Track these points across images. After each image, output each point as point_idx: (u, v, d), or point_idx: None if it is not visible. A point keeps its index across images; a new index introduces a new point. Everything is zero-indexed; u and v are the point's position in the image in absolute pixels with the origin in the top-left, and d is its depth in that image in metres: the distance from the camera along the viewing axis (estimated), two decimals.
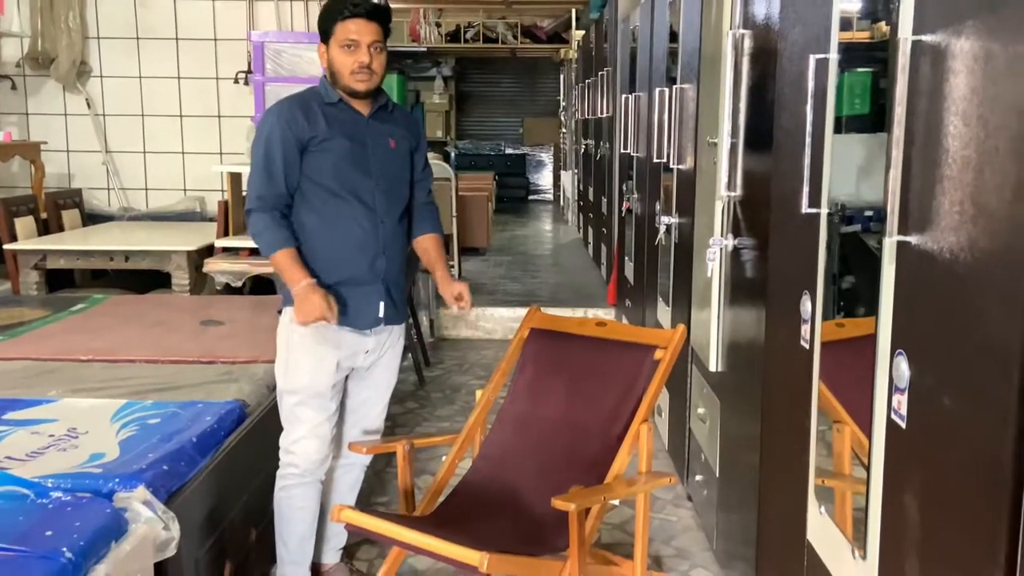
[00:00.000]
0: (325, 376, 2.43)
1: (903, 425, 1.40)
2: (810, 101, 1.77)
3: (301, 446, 2.43)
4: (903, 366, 1.39)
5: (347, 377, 2.55)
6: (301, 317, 2.32)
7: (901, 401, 1.40)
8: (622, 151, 5.13)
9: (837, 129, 1.78)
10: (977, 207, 1.18)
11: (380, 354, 2.55)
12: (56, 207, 5.36)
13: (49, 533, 1.71)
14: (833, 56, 1.74)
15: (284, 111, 2.40)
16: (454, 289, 2.58)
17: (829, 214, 1.78)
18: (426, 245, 2.64)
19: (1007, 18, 1.11)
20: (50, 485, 1.94)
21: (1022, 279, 1.07)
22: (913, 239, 1.36)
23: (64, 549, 1.65)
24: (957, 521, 1.24)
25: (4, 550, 1.65)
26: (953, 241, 1.24)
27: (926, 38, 1.33)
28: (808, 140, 1.79)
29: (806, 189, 1.80)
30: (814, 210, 1.80)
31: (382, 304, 2.48)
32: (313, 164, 2.39)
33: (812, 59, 1.75)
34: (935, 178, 1.29)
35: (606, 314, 5.42)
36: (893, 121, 1.39)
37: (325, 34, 2.40)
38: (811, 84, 1.77)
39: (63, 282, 5.03)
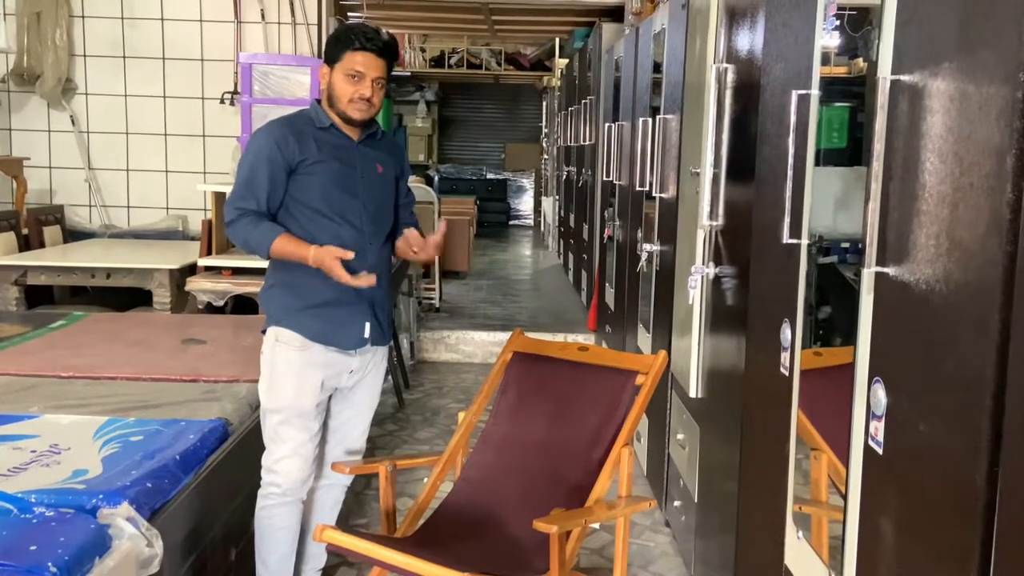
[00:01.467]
0: (309, 395, 2.44)
1: (880, 451, 1.44)
2: (792, 135, 1.82)
3: (284, 465, 2.44)
4: (880, 393, 1.43)
5: (330, 398, 2.56)
6: (334, 271, 2.33)
7: (878, 428, 1.44)
8: (604, 179, 5.20)
9: (816, 162, 1.84)
10: (952, 241, 1.23)
11: (363, 374, 2.57)
12: (37, 223, 5.34)
13: (33, 548, 1.71)
14: (814, 92, 1.80)
15: (276, 132, 2.43)
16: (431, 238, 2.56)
17: (808, 244, 1.83)
18: (404, 235, 2.62)
19: (981, 61, 1.17)
20: (33, 500, 1.94)
21: (994, 310, 1.12)
22: (891, 270, 1.41)
23: (49, 564, 1.65)
24: (931, 544, 1.28)
25: None
26: (929, 273, 1.29)
27: (904, 78, 1.39)
28: (790, 172, 1.84)
29: (787, 220, 1.85)
30: (794, 240, 1.85)
31: (367, 324, 2.50)
32: (302, 186, 2.41)
33: (794, 94, 1.81)
34: (912, 212, 1.34)
35: (586, 339, 5.46)
36: (872, 156, 1.44)
37: (332, 59, 2.42)
38: (793, 118, 1.82)
39: (42, 299, 5.00)
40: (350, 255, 2.34)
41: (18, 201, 5.70)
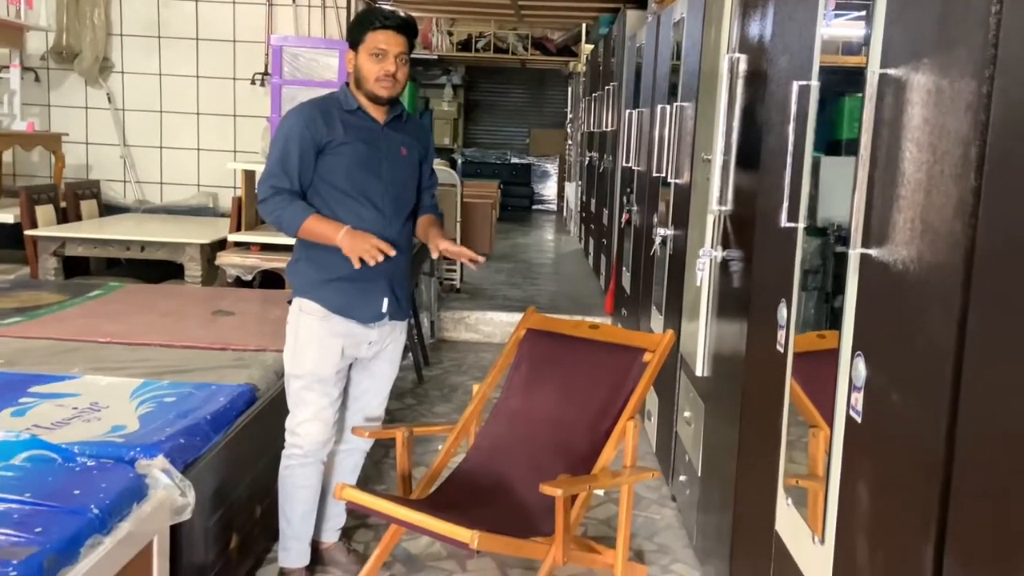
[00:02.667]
0: (330, 363, 2.58)
1: (859, 420, 1.55)
2: (792, 123, 1.92)
3: (305, 428, 2.58)
4: (860, 366, 1.54)
5: (351, 367, 2.70)
6: (356, 255, 2.43)
7: (858, 398, 1.55)
8: (624, 164, 5.29)
9: (836, 151, 1.93)
10: (925, 224, 1.33)
11: (383, 347, 2.70)
12: (75, 197, 5.52)
13: (77, 492, 1.87)
14: (814, 83, 1.90)
15: (306, 113, 2.56)
16: (441, 243, 2.65)
17: (823, 230, 1.93)
18: (423, 221, 2.74)
19: (955, 57, 1.27)
20: (76, 451, 2.09)
21: (957, 289, 1.22)
22: (873, 252, 1.52)
23: (92, 506, 1.80)
24: (899, 503, 1.39)
25: (36, 505, 1.80)
26: (904, 254, 1.40)
27: (891, 72, 1.49)
28: (789, 160, 1.94)
29: (786, 204, 1.95)
30: (792, 224, 1.95)
31: (386, 300, 2.63)
32: (328, 165, 2.53)
33: (795, 85, 1.90)
34: (892, 197, 1.45)
35: (603, 322, 5.57)
36: (860, 145, 1.54)
37: (355, 42, 2.55)
38: (794, 108, 1.91)
39: (79, 270, 5.18)
40: (392, 251, 2.45)
41: (56, 175, 5.90)
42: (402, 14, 2.58)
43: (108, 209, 5.99)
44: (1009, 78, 1.13)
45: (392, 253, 2.47)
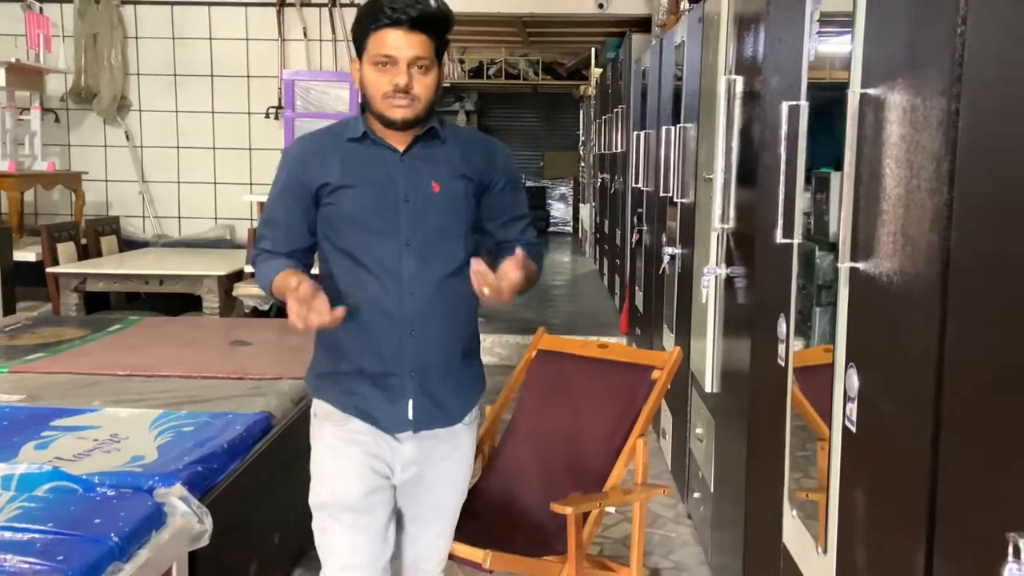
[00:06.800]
0: (353, 483, 1.90)
1: (854, 430, 1.58)
2: (783, 142, 1.97)
3: None
4: (854, 377, 1.57)
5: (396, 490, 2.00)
6: (293, 319, 1.73)
7: (852, 409, 1.59)
8: (634, 185, 5.34)
9: (840, 168, 1.97)
10: (905, 237, 1.37)
11: (428, 466, 1.97)
12: (95, 233, 5.65)
13: (98, 521, 1.93)
14: (803, 103, 1.94)
15: (293, 152, 1.98)
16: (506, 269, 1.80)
17: (835, 245, 1.96)
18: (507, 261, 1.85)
19: (927, 76, 1.31)
20: (97, 481, 2.15)
21: (936, 299, 1.26)
22: (861, 265, 1.56)
23: (112, 534, 1.86)
24: (892, 511, 1.42)
25: (58, 534, 1.86)
26: (888, 266, 1.43)
27: (871, 91, 1.53)
28: (782, 178, 1.98)
29: (780, 222, 1.99)
30: (788, 240, 1.99)
31: (410, 403, 1.90)
32: (327, 218, 1.91)
33: (785, 105, 1.95)
34: (876, 212, 1.49)
35: (618, 341, 5.60)
36: (845, 162, 1.59)
37: (359, 48, 1.87)
38: (784, 128, 1.96)
39: (100, 305, 5.29)
40: (334, 314, 1.73)
41: (77, 213, 6.03)
42: (425, 1, 1.83)
43: (128, 244, 6.12)
44: (974, 96, 1.17)
45: (328, 319, 1.71)
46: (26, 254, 5.24)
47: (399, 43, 1.80)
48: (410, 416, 1.90)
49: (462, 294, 1.89)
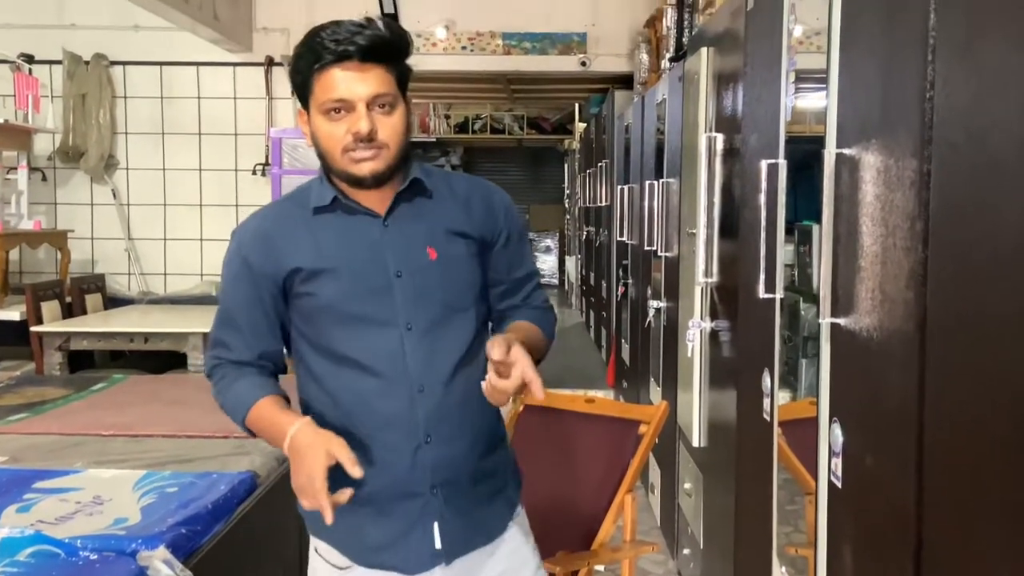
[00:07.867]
0: None
1: (839, 485, 1.59)
2: (763, 199, 2.00)
3: None
4: (837, 432, 1.58)
5: None
6: (301, 497, 1.43)
7: (837, 464, 1.59)
8: (619, 238, 5.39)
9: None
10: (883, 294, 1.40)
11: None
12: (80, 291, 5.63)
13: None
14: (782, 161, 1.99)
15: (243, 236, 1.60)
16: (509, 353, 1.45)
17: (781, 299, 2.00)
18: (517, 328, 1.64)
19: (899, 138, 1.35)
20: (79, 545, 2.12)
21: (913, 354, 1.28)
22: (841, 321, 1.58)
23: None
24: (880, 567, 1.42)
25: None
26: (868, 322, 1.46)
27: (846, 151, 1.57)
28: (763, 235, 2.01)
29: (762, 277, 2.02)
30: (770, 295, 2.02)
31: (436, 527, 1.55)
32: (302, 312, 1.56)
33: (764, 163, 2.00)
34: (854, 269, 1.52)
35: (605, 395, 5.59)
36: (823, 220, 1.62)
37: (302, 96, 1.53)
38: (764, 185, 2.00)
39: (84, 363, 5.26)
40: (357, 472, 1.39)
41: (62, 271, 6.02)
42: (373, 28, 1.47)
43: (113, 302, 6.10)
44: (944, 157, 1.21)
45: (357, 473, 1.39)
46: (10, 313, 5.22)
47: (351, 82, 1.45)
48: (438, 545, 1.54)
49: (476, 382, 1.50)
